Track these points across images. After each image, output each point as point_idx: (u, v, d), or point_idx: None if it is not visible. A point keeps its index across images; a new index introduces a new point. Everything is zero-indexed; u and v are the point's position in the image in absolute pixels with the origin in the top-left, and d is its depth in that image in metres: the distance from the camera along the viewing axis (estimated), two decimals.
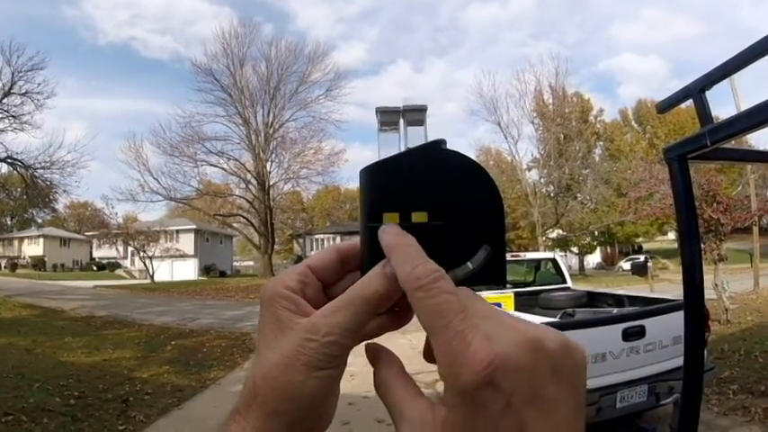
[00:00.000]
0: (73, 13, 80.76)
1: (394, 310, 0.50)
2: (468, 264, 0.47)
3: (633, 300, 6.96)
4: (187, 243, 52.50)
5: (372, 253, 0.47)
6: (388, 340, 0.47)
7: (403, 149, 0.51)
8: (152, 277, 42.00)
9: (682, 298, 1.94)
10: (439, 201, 0.47)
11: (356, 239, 0.50)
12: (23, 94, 26.97)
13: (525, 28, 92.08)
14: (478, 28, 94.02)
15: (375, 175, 0.49)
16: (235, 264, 66.08)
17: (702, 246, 11.54)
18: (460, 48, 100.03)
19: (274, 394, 0.43)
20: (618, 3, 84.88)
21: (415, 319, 0.46)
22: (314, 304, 0.46)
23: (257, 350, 0.46)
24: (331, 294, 0.48)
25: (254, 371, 0.44)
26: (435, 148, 0.48)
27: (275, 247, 44.07)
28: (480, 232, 0.47)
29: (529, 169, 45.71)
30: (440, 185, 0.47)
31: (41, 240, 57.79)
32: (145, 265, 43.31)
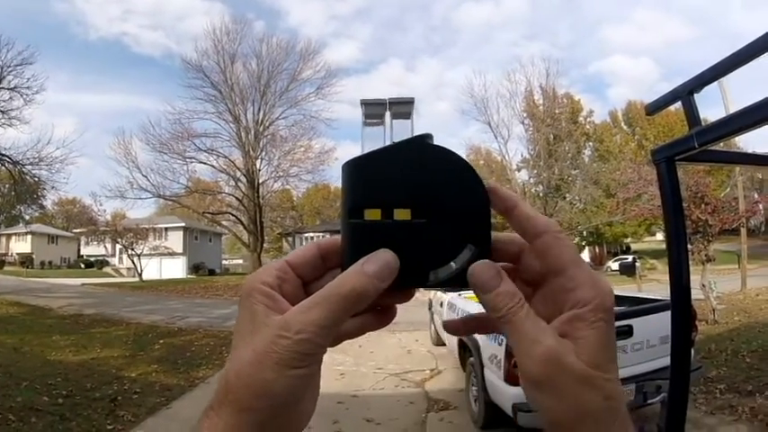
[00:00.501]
0: (64, 8, 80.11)
1: (376, 309, 0.50)
2: (452, 264, 0.47)
3: (621, 299, 7.00)
4: (176, 241, 52.31)
5: (353, 250, 0.46)
6: (379, 339, 0.48)
7: (388, 143, 0.50)
8: (140, 275, 41.80)
9: (669, 298, 1.95)
10: (423, 198, 0.47)
11: (339, 237, 0.49)
12: (12, 89, 26.67)
13: (518, 29, 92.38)
14: (471, 28, 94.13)
15: (357, 170, 0.48)
16: (224, 262, 65.93)
17: (690, 246, 11.62)
18: (453, 47, 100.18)
19: (247, 392, 0.42)
20: (609, 5, 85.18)
21: (405, 318, 0.46)
22: (292, 301, 0.46)
23: (233, 345, 0.46)
24: (310, 291, 0.47)
25: (228, 367, 0.44)
26: (421, 143, 0.47)
27: (264, 245, 43.89)
28: (465, 232, 0.47)
29: (519, 169, 45.97)
30: (425, 182, 0.46)
31: (29, 237, 57.36)
32: (133, 262, 43.11)
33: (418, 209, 0.46)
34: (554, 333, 0.44)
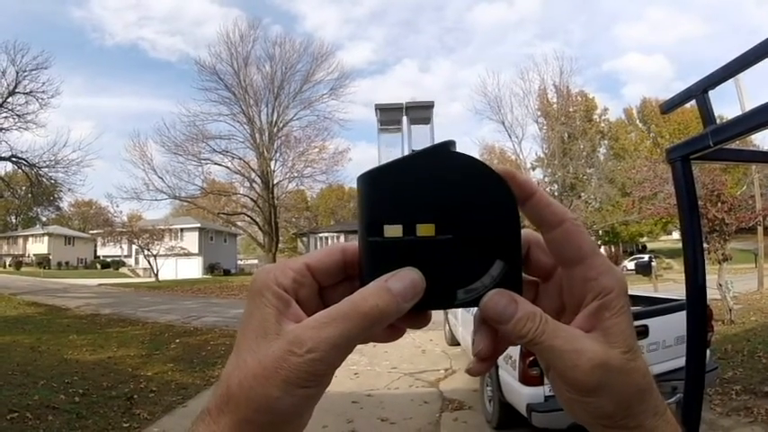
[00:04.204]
0: (81, 14, 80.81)
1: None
2: (481, 281, 0.44)
3: (637, 299, 6.94)
4: (191, 241, 52.58)
5: (373, 270, 0.43)
6: None
7: (406, 151, 0.45)
8: (156, 275, 42.06)
9: (685, 298, 1.94)
10: (448, 211, 0.43)
11: None
12: (28, 93, 26.99)
13: (531, 28, 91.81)
14: (484, 28, 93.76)
15: (375, 183, 0.44)
16: (239, 262, 66.11)
17: (707, 245, 11.53)
18: (466, 48, 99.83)
19: (248, 404, 0.39)
20: (623, 3, 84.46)
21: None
22: (307, 308, 0.43)
23: (237, 346, 0.42)
24: (327, 298, 0.44)
25: (229, 371, 0.41)
26: (445, 152, 0.44)
27: (279, 245, 43.99)
28: (495, 246, 0.44)
29: (533, 168, 45.60)
30: (449, 194, 0.43)
31: (46, 239, 57.96)
32: (149, 263, 43.39)
33: (443, 224, 0.43)
34: (584, 334, 0.43)
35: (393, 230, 0.43)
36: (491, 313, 0.43)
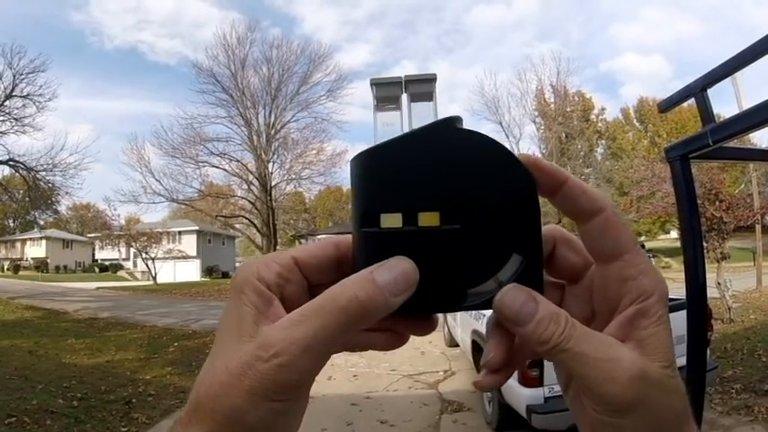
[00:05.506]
0: (80, 18, 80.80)
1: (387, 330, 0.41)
2: (495, 279, 0.38)
3: None
4: (189, 244, 52.52)
5: (368, 264, 0.37)
6: None
7: (406, 130, 0.39)
8: (154, 279, 42.01)
9: (684, 297, 1.93)
10: (455, 197, 0.37)
11: None
12: (25, 97, 26.87)
13: (529, 29, 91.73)
14: (483, 29, 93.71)
15: (370, 164, 0.39)
16: (237, 265, 65.84)
17: (705, 244, 11.54)
18: (465, 49, 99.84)
19: (213, 416, 0.35)
20: (621, 3, 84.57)
21: None
22: (293, 307, 0.37)
23: (213, 349, 0.38)
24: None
25: (201, 377, 0.37)
26: (450, 127, 0.38)
27: (278, 247, 43.92)
28: (510, 237, 0.38)
29: None
30: (456, 177, 0.37)
31: (44, 242, 57.81)
32: (147, 266, 43.33)
33: (449, 211, 0.37)
34: (619, 342, 0.37)
35: (391, 220, 0.38)
36: (507, 313, 0.37)
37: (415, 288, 0.37)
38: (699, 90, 1.74)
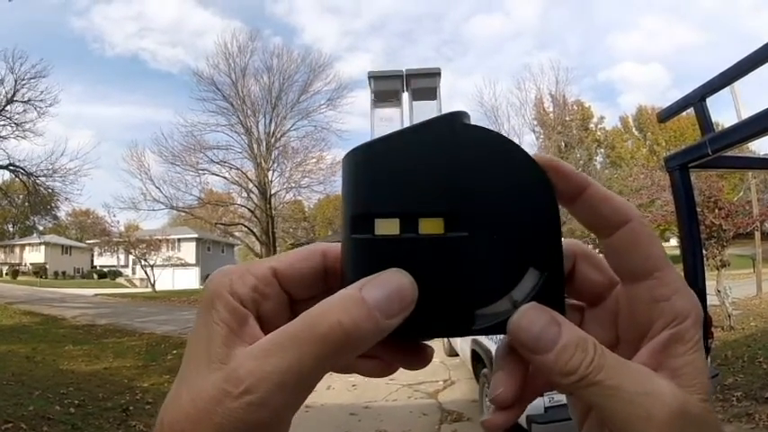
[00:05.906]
0: (82, 24, 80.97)
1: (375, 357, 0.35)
2: (509, 298, 0.33)
3: None
4: (189, 252, 52.53)
5: (359, 278, 0.31)
6: None
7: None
8: (153, 286, 41.95)
9: None
10: (461, 201, 0.32)
11: None
12: (26, 102, 26.94)
13: (528, 39, 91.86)
14: (482, 39, 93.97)
15: (365, 163, 0.34)
16: None
17: (704, 252, 11.54)
18: (464, 58, 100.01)
19: None
20: (618, 13, 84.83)
21: None
22: (271, 327, 0.31)
23: (180, 371, 0.33)
24: (300, 313, 0.31)
25: (166, 404, 0.32)
26: (455, 122, 0.33)
27: None
28: (526, 249, 0.33)
29: None
30: (463, 179, 0.32)
31: (43, 248, 57.79)
32: (146, 273, 43.27)
33: (455, 217, 0.32)
34: (654, 373, 0.31)
35: (387, 226, 0.32)
36: (524, 338, 0.31)
37: (413, 308, 0.31)
38: (698, 100, 1.75)
